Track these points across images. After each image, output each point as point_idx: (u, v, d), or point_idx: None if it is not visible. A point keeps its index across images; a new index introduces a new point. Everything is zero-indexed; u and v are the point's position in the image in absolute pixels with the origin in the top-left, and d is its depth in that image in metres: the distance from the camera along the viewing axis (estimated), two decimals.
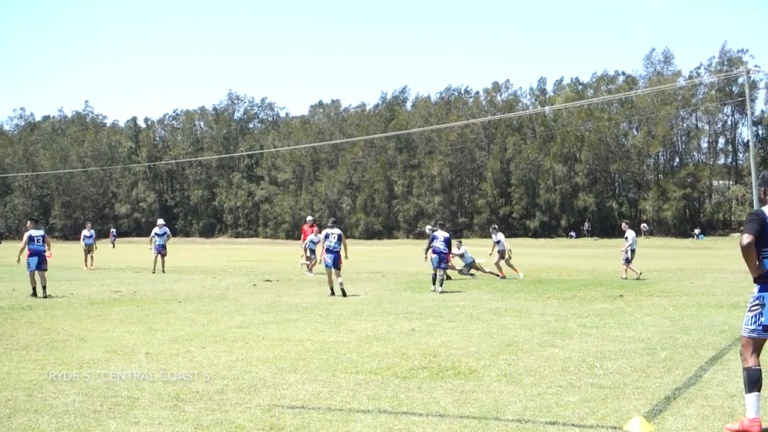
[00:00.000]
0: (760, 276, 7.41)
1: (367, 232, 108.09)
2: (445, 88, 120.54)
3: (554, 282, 26.86)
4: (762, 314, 7.41)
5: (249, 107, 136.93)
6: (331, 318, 16.34)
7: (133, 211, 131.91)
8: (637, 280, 27.38)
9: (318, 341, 12.99)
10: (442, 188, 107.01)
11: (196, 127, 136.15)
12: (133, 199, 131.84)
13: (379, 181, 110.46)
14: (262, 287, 25.00)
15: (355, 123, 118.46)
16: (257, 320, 16.01)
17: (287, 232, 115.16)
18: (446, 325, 15.06)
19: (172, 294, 22.31)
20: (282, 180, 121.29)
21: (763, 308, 7.41)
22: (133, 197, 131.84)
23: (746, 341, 7.53)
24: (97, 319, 16.30)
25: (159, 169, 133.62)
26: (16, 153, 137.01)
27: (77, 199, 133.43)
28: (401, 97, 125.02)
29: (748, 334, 7.51)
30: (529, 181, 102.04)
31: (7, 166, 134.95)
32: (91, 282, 27.01)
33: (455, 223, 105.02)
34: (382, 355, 11.58)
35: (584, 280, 27.58)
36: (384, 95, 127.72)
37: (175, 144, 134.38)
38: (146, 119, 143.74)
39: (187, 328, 14.73)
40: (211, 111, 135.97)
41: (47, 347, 12.44)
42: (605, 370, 10.22)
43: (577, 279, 28.52)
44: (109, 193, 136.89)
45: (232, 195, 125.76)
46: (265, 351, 11.98)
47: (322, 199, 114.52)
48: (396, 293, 22.60)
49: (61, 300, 20.50)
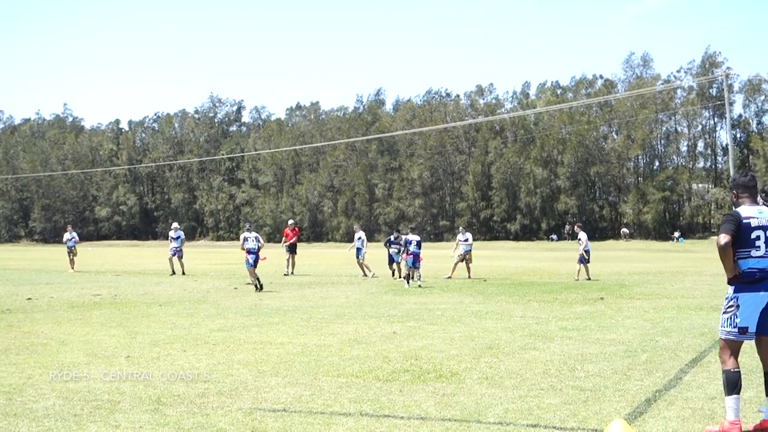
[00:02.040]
0: (735, 277, 7.46)
1: (348, 235, 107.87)
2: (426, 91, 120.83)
3: (535, 285, 26.91)
4: (737, 315, 7.45)
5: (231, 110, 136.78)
6: (312, 321, 16.31)
7: (114, 214, 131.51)
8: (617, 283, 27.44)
9: (299, 344, 12.96)
10: (423, 191, 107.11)
11: (177, 130, 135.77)
12: (113, 202, 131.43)
13: (360, 184, 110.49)
14: (243, 290, 24.97)
15: (336, 126, 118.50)
16: (238, 323, 15.97)
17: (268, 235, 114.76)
18: (427, 328, 15.06)
19: (152, 297, 22.22)
20: (263, 183, 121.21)
21: (738, 309, 7.45)
22: (114, 200, 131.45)
23: (723, 344, 7.57)
24: (77, 322, 16.21)
25: (139, 172, 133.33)
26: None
27: (57, 202, 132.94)
28: (379, 100, 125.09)
29: (725, 336, 7.55)
30: (510, 184, 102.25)
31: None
32: (71, 285, 26.88)
33: (436, 226, 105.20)
34: (363, 358, 11.57)
35: (565, 283, 27.63)
36: (360, 98, 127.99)
37: (156, 147, 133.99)
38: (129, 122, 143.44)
39: (168, 332, 14.67)
40: (193, 113, 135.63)
41: (27, 351, 12.35)
42: (586, 373, 10.24)
43: (557, 282, 28.59)
44: (90, 195, 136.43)
45: (213, 198, 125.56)
46: (247, 354, 11.95)
47: (303, 202, 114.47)
48: (377, 296, 22.59)
49: (41, 303, 20.36)
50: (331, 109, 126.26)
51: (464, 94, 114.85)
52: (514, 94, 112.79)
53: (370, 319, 16.57)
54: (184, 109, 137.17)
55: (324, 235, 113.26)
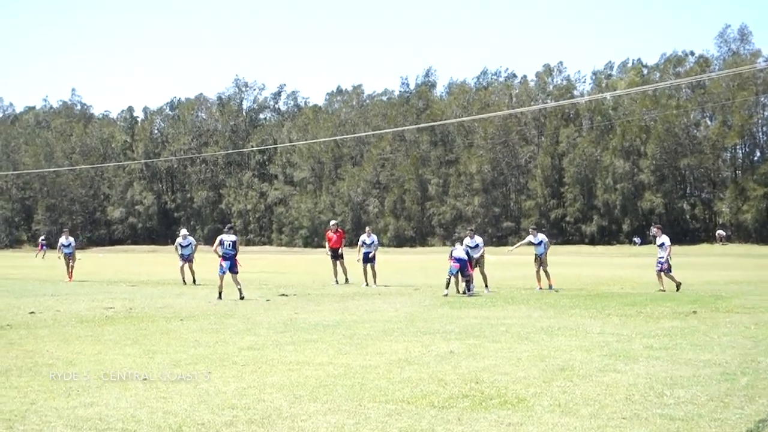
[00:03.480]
0: None
1: (398, 238, 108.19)
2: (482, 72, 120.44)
3: (615, 296, 26.69)
4: None
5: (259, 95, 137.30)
6: (356, 338, 16.31)
7: (128, 215, 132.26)
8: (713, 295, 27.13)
9: (341, 365, 12.96)
10: (483, 188, 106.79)
11: (199, 119, 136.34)
12: (128, 201, 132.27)
13: (410, 180, 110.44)
14: (276, 303, 25.02)
15: (381, 112, 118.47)
16: (271, 341, 16.01)
17: (305, 238, 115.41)
18: (490, 347, 14.99)
19: (173, 311, 22.36)
20: (299, 179, 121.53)
21: None
22: (128, 199, 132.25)
23: None
24: (87, 339, 16.35)
25: (157, 167, 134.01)
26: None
27: (64, 202, 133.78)
28: (428, 82, 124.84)
29: None
30: (585, 179, 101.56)
31: None
32: (80, 297, 27.11)
33: (499, 227, 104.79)
34: (415, 381, 11.54)
35: (650, 294, 27.38)
36: (405, 80, 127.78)
37: (176, 138, 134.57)
38: (144, 109, 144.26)
39: (191, 350, 14.75)
40: (215, 100, 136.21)
41: (30, 372, 12.47)
42: (676, 399, 10.13)
43: (642, 292, 28.35)
44: (101, 194, 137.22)
45: (242, 196, 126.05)
46: (281, 376, 11.97)
47: (344, 200, 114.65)
48: (431, 309, 22.54)
49: (46, 318, 20.54)
50: (375, 94, 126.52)
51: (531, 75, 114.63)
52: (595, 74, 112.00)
53: (423, 336, 16.53)
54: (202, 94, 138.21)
55: None
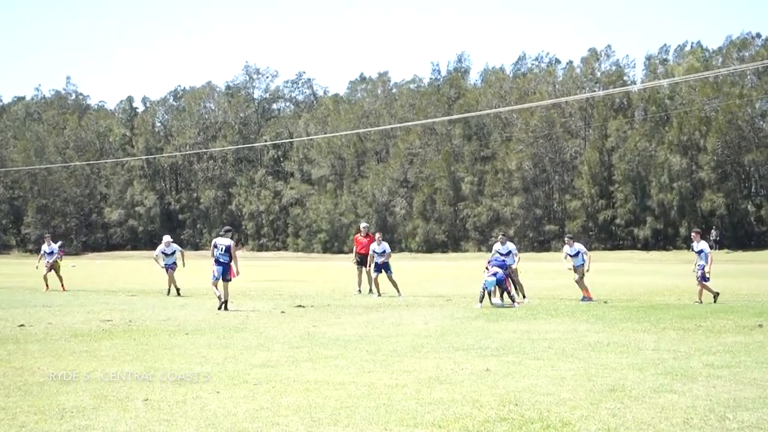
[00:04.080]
0: None
1: (427, 243, 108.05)
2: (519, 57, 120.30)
3: (672, 308, 26.61)
4: None
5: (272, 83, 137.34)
6: (381, 355, 16.33)
7: (128, 217, 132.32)
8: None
9: (364, 384, 12.98)
10: (523, 186, 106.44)
11: (207, 110, 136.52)
12: (127, 202, 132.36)
13: (441, 178, 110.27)
14: (292, 315, 25.07)
15: (409, 103, 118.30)
16: (286, 357, 16.05)
17: (324, 243, 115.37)
18: (531, 364, 14.99)
19: (177, 323, 22.45)
20: (317, 177, 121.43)
21: None
22: (128, 200, 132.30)
23: None
24: (82, 355, 16.44)
25: (160, 164, 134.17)
26: None
27: (57, 203, 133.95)
28: (461, 68, 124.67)
29: None
30: (637, 176, 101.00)
31: None
32: (74, 308, 27.24)
33: (540, 231, 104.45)
34: (447, 402, 11.54)
35: (711, 306, 27.30)
36: (437, 67, 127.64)
37: (181, 132, 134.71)
38: (144, 99, 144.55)
39: (197, 368, 14.81)
40: (224, 89, 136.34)
41: (19, 392, 12.55)
42: (740, 423, 10.10)
43: (701, 304, 28.23)
44: (97, 194, 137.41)
45: (254, 196, 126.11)
46: (297, 397, 12.00)
47: (368, 200, 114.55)
48: (465, 323, 22.53)
49: (37, 331, 20.65)
50: (402, 82, 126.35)
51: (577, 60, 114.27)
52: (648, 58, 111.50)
53: (455, 353, 16.54)
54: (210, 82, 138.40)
55: (396, 243, 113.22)
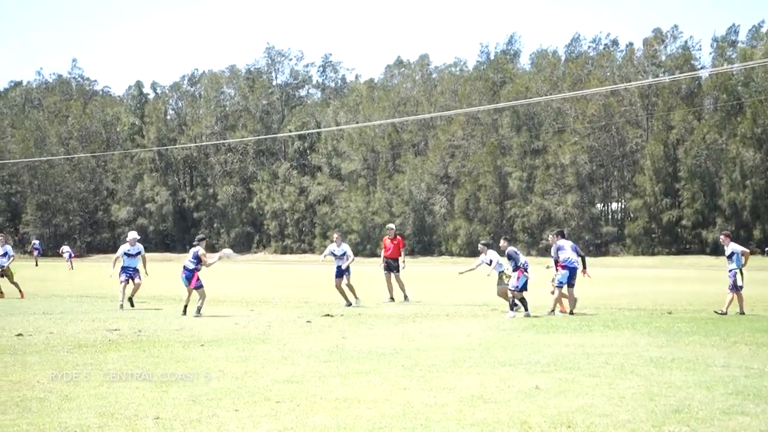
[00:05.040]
0: None
1: (471, 245, 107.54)
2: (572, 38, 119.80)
3: (743, 320, 26.47)
4: None
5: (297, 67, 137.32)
6: (418, 370, 16.32)
7: (137, 215, 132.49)
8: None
9: (400, 403, 12.97)
10: (578, 183, 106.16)
11: (225, 97, 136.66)
12: (136, 198, 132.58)
13: (486, 173, 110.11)
14: (319, 325, 25.07)
15: (451, 88, 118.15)
16: (313, 372, 16.07)
17: (355, 245, 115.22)
18: (585, 382, 14.94)
19: (191, 334, 22.51)
20: (347, 171, 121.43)
21: None
22: (137, 196, 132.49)
23: None
24: (86, 368, 16.48)
25: (173, 156, 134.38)
26: None
27: (59, 199, 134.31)
28: (510, 51, 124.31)
29: None
30: (705, 173, 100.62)
31: None
32: (77, 316, 27.34)
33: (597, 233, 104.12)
34: (492, 423, 11.53)
35: None
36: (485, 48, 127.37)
37: (196, 120, 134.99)
38: (153, 85, 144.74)
39: (214, 383, 14.84)
40: (244, 73, 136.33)
41: (17, 408, 12.61)
42: None
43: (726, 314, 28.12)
44: (104, 189, 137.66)
45: (277, 193, 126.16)
46: (325, 416, 12.01)
47: (404, 198, 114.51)
48: (512, 335, 22.49)
49: (37, 341, 20.71)
50: (443, 66, 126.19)
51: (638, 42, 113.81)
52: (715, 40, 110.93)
53: (501, 368, 16.51)
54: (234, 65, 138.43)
55: (435, 245, 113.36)
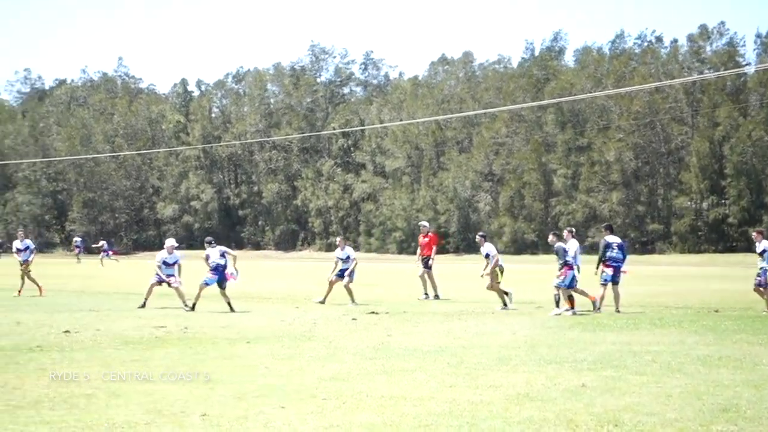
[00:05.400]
0: None
1: (515, 243, 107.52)
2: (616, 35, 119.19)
3: None
4: None
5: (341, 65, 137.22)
6: (464, 367, 16.29)
7: (183, 212, 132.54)
8: None
9: (446, 400, 12.96)
10: (623, 181, 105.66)
11: (269, 94, 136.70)
12: (182, 196, 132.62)
13: (531, 171, 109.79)
14: (364, 322, 25.05)
15: (495, 86, 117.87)
16: (359, 369, 16.07)
17: (399, 243, 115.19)
18: (632, 380, 14.86)
19: (237, 331, 22.54)
20: (391, 169, 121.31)
21: None
22: (182, 193, 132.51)
23: None
24: (133, 365, 16.56)
25: (218, 154, 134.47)
26: (20, 132, 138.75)
27: (104, 197, 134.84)
28: (555, 48, 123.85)
29: None
30: (752, 170, 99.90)
31: (7, 150, 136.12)
32: (124, 313, 27.47)
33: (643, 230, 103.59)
34: (538, 421, 11.50)
35: None
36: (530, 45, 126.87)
37: (240, 118, 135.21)
38: (198, 83, 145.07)
39: (260, 380, 14.88)
40: (288, 71, 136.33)
41: (65, 404, 12.68)
42: None
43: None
44: (149, 187, 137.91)
45: (321, 190, 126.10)
46: (371, 414, 12.01)
47: (449, 196, 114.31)
48: (558, 332, 22.40)
49: (84, 338, 20.79)
50: (487, 63, 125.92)
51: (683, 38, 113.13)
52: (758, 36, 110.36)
53: (547, 366, 16.46)
54: (278, 63, 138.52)
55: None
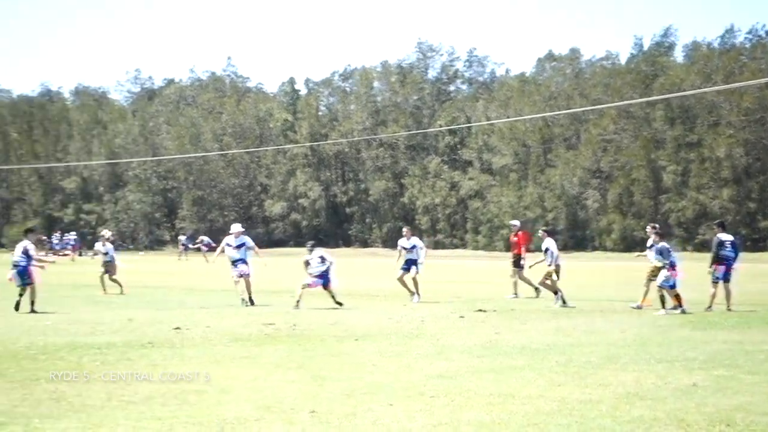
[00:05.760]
0: None
1: (625, 240, 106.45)
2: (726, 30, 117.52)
3: None
4: None
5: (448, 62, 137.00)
6: (573, 366, 16.22)
7: (291, 210, 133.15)
8: None
9: (555, 399, 12.92)
10: (734, 177, 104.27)
11: (376, 92, 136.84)
12: (289, 193, 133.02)
13: (640, 167, 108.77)
14: (472, 320, 25.03)
15: (603, 82, 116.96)
16: (467, 367, 16.07)
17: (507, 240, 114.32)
18: (744, 379, 14.70)
19: (345, 329, 22.64)
20: (498, 166, 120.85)
21: None
22: (291, 191, 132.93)
23: None
24: (243, 361, 16.73)
25: (325, 152, 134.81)
26: (130, 131, 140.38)
27: (213, 194, 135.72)
28: (664, 44, 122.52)
29: None
30: None
31: (118, 149, 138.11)
32: (234, 310, 27.72)
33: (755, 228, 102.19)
34: (648, 420, 11.41)
35: None
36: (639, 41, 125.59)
37: (347, 116, 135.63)
38: (307, 81, 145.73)
39: (368, 377, 14.94)
40: (396, 68, 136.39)
41: (176, 400, 12.87)
42: None
43: None
44: (257, 185, 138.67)
45: (428, 188, 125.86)
46: (479, 411, 12.00)
47: (556, 193, 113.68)
48: (668, 331, 22.21)
49: (194, 335, 21.07)
50: (595, 59, 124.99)
51: None
52: None
53: (657, 365, 16.33)
54: (385, 61, 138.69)
55: (588, 240, 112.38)
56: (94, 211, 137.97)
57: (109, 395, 13.17)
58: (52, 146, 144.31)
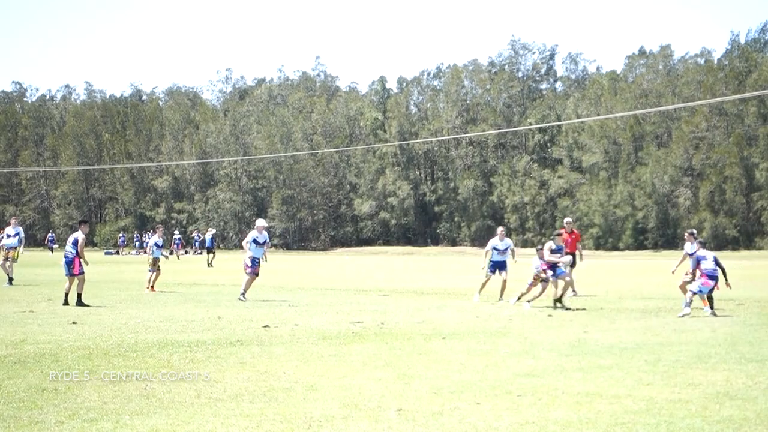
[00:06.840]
0: None
1: (716, 239, 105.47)
2: None
3: None
4: None
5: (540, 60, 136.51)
6: (661, 365, 16.08)
7: (380, 209, 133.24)
8: None
9: (643, 398, 12.82)
10: None
11: (466, 89, 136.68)
12: (378, 192, 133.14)
13: (732, 165, 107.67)
14: (560, 318, 24.93)
15: (695, 79, 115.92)
16: (554, 366, 16.00)
17: (597, 239, 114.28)
18: None
19: (433, 327, 22.63)
20: (588, 164, 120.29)
21: None
22: (380, 190, 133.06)
23: None
24: (330, 360, 16.78)
25: (414, 150, 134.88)
26: (221, 130, 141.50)
27: (303, 193, 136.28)
28: (762, 40, 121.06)
29: None
30: None
31: (209, 149, 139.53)
32: (322, 308, 27.79)
33: None
34: (738, 421, 11.28)
35: None
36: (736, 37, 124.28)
37: (437, 115, 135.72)
38: (400, 80, 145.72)
39: (455, 376, 14.91)
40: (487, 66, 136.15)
41: (264, 398, 12.94)
42: None
43: None
44: (346, 184, 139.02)
45: (517, 186, 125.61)
46: (566, 411, 11.95)
47: (647, 191, 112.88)
48: (759, 330, 21.94)
49: (282, 333, 21.17)
50: (687, 56, 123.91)
51: None
52: None
53: (748, 364, 16.14)
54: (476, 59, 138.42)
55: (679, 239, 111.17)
56: (185, 210, 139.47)
57: (198, 392, 13.29)
58: (145, 146, 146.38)
